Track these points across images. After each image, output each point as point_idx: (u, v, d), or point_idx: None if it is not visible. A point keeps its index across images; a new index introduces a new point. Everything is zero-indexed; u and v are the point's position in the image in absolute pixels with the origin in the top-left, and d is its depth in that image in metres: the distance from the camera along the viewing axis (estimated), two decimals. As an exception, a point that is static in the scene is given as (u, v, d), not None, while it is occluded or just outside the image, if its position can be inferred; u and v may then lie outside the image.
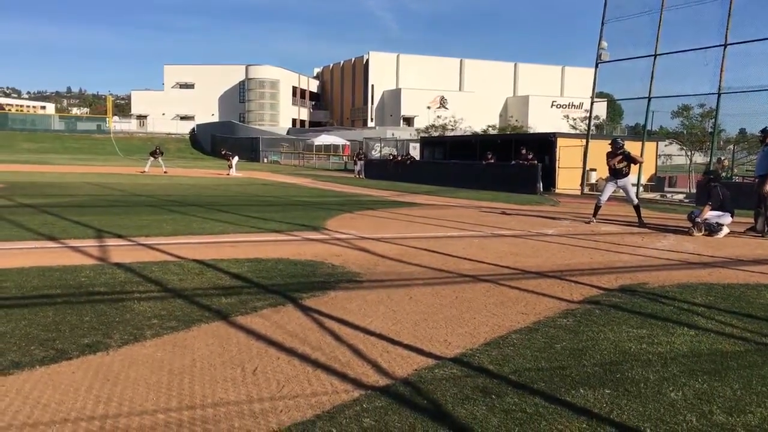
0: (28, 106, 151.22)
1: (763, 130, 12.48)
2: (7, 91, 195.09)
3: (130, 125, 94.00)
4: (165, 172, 33.11)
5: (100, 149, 66.73)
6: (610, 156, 13.60)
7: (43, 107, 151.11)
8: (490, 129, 73.26)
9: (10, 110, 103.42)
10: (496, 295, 6.35)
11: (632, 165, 13.73)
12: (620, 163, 13.50)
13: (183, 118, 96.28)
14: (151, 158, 34.77)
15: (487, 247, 9.78)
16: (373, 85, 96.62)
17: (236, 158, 36.89)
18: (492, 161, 27.69)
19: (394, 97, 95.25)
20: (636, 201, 13.85)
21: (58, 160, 43.11)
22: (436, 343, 4.65)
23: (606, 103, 65.68)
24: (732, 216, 11.84)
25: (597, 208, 13.91)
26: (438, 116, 71.64)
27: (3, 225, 10.33)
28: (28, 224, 10.41)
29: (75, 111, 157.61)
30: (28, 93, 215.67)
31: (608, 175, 14.03)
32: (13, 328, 4.65)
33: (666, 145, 38.71)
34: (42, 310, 5.15)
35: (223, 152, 40.54)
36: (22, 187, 19.95)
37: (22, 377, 3.75)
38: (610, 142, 14.03)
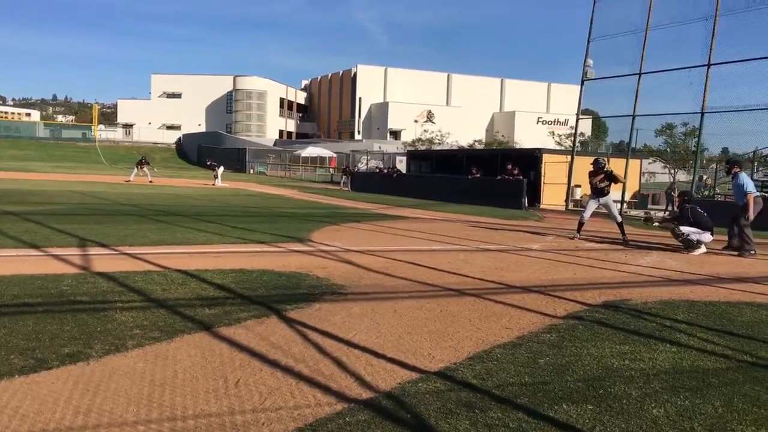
0: (13, 113, 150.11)
1: (728, 162, 12.80)
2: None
3: (116, 134, 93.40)
4: (150, 182, 32.86)
5: (84, 157, 66.14)
6: (592, 175, 13.80)
7: (28, 114, 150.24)
8: (476, 144, 73.58)
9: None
10: (480, 309, 6.36)
11: (613, 183, 13.89)
12: (602, 182, 13.67)
13: (169, 127, 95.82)
14: (136, 168, 34.50)
15: (472, 261, 9.80)
16: (360, 98, 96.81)
17: (221, 168, 36.71)
18: (478, 176, 27.80)
19: (381, 110, 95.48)
20: (619, 218, 13.97)
21: (43, 167, 42.77)
22: (420, 357, 4.64)
23: (591, 120, 66.03)
24: (712, 234, 12.02)
25: (581, 224, 14.02)
26: (425, 130, 71.88)
27: (-16, 232, 10.21)
28: (10, 232, 10.30)
29: (60, 119, 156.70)
30: (13, 100, 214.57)
31: (591, 192, 14.17)
32: (-7, 336, 4.59)
33: (650, 163, 39.09)
34: (22, 319, 5.09)
35: (208, 163, 40.37)
36: (4, 194, 19.75)
37: (0, 387, 3.70)
38: (591, 161, 14.19)
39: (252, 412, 3.50)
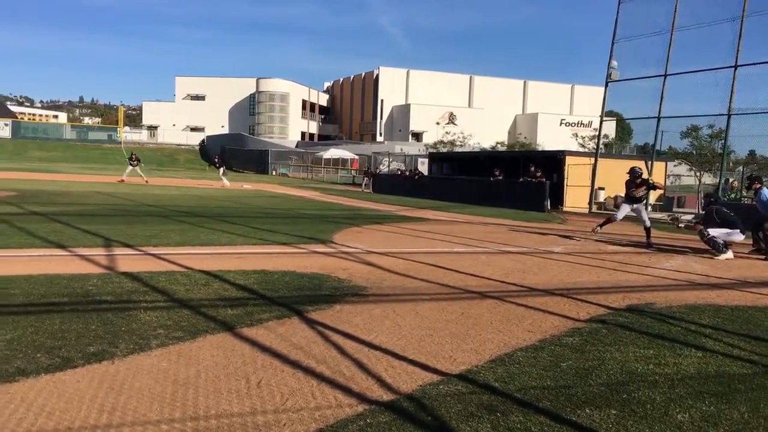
0: (41, 115, 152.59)
1: (749, 178, 12.62)
2: (21, 100, 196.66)
3: (141, 135, 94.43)
4: (146, 182, 32.17)
5: (110, 159, 66.89)
6: (630, 184, 13.62)
7: (56, 116, 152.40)
8: (498, 146, 73.26)
9: (22, 119, 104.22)
10: (502, 312, 6.33)
11: (652, 191, 13.84)
12: (643, 191, 13.64)
13: (193, 129, 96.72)
14: (129, 167, 33.44)
15: (494, 263, 9.77)
16: (382, 100, 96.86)
17: (222, 168, 35.82)
18: (500, 178, 27.68)
19: (403, 112, 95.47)
20: (648, 223, 13.82)
21: (69, 168, 43.42)
22: (441, 359, 4.63)
23: (615, 122, 65.69)
24: (742, 232, 11.85)
25: (609, 221, 13.94)
26: (447, 132, 71.66)
27: (13, 232, 10.38)
28: (38, 232, 10.46)
29: (87, 120, 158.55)
30: (41, 102, 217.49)
31: (626, 198, 13.98)
32: (20, 335, 4.67)
33: (675, 166, 38.64)
34: (49, 318, 5.17)
35: (216, 159, 38.61)
36: (32, 195, 20.06)
37: (27, 384, 3.76)
38: (628, 171, 14.00)
39: (273, 412, 3.52)
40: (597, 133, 29.86)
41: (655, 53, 22.67)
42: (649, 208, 22.85)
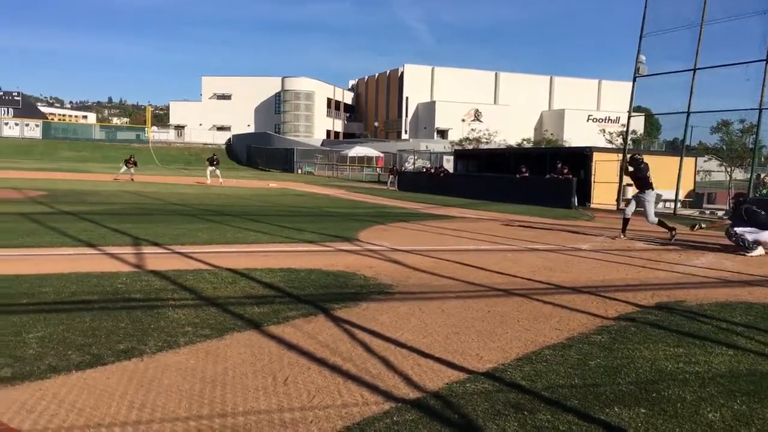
0: (71, 116, 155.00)
1: None
2: (51, 101, 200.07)
3: (169, 135, 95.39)
4: (132, 180, 32.86)
5: (138, 158, 67.85)
6: (646, 171, 13.41)
7: (85, 117, 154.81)
8: (524, 142, 72.74)
9: (53, 119, 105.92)
10: (528, 309, 6.29)
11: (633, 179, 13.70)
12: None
13: (220, 128, 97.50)
14: (125, 166, 34.53)
15: (521, 261, 9.70)
16: (407, 98, 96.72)
17: (210, 168, 34.90)
18: (526, 175, 27.51)
19: (428, 109, 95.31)
20: (628, 216, 13.62)
21: (98, 168, 44.06)
22: (467, 357, 4.62)
23: (643, 117, 64.79)
24: None
25: (667, 226, 13.51)
26: (472, 129, 71.33)
27: (44, 232, 10.56)
28: (69, 231, 10.62)
29: (115, 121, 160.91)
30: (71, 103, 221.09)
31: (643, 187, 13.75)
32: (52, 332, 4.74)
33: (705, 161, 38.03)
34: (79, 316, 5.25)
35: (214, 156, 36.99)
36: (63, 194, 20.39)
37: (58, 381, 3.82)
38: (629, 162, 13.95)
39: (300, 410, 3.53)
40: (625, 129, 29.51)
41: (684, 47, 22.35)
42: (678, 204, 22.55)
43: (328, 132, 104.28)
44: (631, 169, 13.58)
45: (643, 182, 13.35)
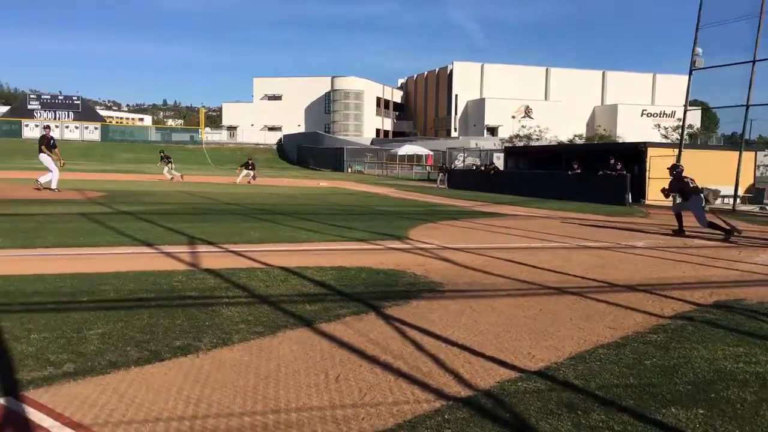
0: (128, 119, 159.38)
1: None
2: (109, 104, 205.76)
3: (221, 136, 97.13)
4: (171, 179, 33.49)
5: (192, 159, 69.08)
6: (686, 179, 13.48)
7: (141, 119, 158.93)
8: (576, 139, 71.62)
9: (111, 122, 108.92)
10: (582, 308, 6.19)
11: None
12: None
13: (271, 128, 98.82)
14: (167, 166, 35.36)
15: (573, 258, 9.56)
16: (456, 95, 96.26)
17: (245, 171, 34.17)
18: (578, 171, 27.06)
19: (477, 106, 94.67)
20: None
21: (154, 169, 45.03)
22: (519, 356, 4.58)
23: (700, 111, 63.08)
24: None
25: (724, 228, 13.03)
26: (523, 126, 70.61)
27: (103, 231, 10.87)
28: (127, 230, 10.91)
29: (170, 122, 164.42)
30: (128, 106, 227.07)
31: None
32: (111, 329, 4.89)
33: (765, 155, 36.78)
34: (137, 313, 5.40)
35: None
36: (120, 195, 20.94)
37: (118, 377, 3.94)
38: (673, 171, 13.89)
39: (352, 407, 3.56)
40: (681, 124, 28.73)
41: (742, 39, 21.65)
42: (738, 200, 21.83)
43: (378, 131, 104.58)
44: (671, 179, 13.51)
45: (684, 193, 13.28)
